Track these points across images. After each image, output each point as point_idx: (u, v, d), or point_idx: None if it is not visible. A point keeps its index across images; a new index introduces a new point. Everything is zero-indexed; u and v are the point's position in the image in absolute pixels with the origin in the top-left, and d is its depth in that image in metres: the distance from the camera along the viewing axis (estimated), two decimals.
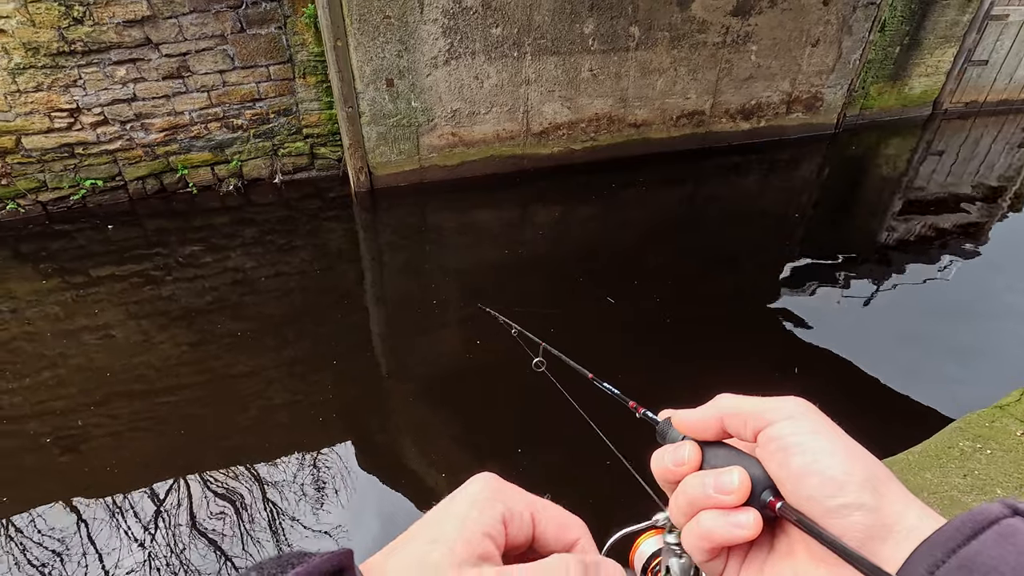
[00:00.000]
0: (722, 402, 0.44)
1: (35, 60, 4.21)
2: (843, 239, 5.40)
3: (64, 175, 4.72)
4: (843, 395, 3.47)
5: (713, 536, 0.40)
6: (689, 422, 0.45)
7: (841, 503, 0.36)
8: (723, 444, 0.44)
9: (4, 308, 4.15)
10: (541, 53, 5.14)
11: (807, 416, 0.40)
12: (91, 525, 2.79)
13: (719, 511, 0.40)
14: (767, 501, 0.39)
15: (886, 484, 0.37)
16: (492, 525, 0.36)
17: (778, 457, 0.39)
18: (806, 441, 0.38)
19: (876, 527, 0.35)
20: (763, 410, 0.41)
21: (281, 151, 5.28)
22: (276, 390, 3.54)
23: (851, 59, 6.38)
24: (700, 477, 0.42)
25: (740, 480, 0.39)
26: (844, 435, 0.40)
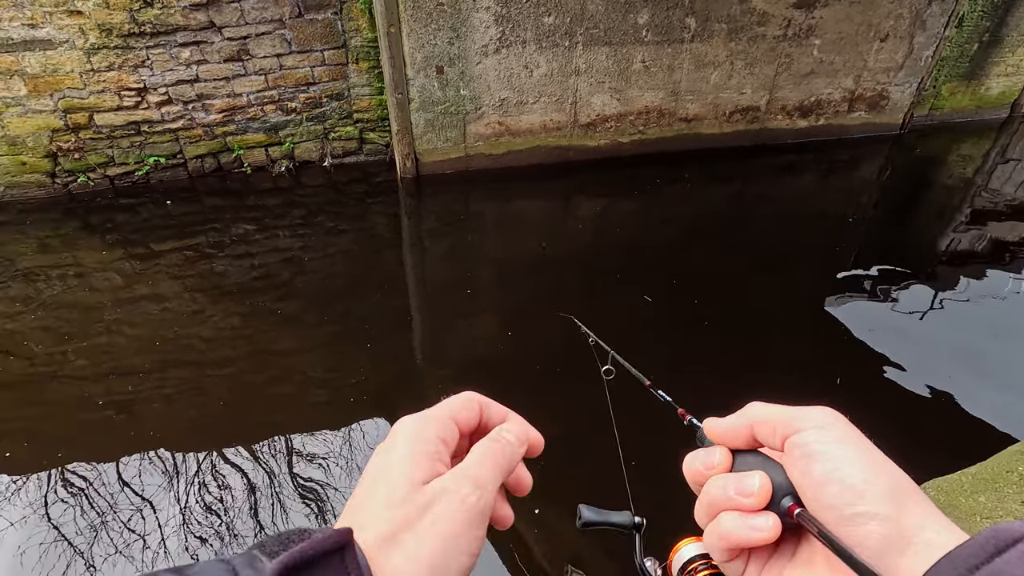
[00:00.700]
0: (752, 410, 0.45)
1: (108, 41, 4.44)
2: (902, 246, 5.14)
3: (130, 151, 4.97)
4: (890, 409, 3.34)
5: (731, 537, 0.41)
6: (720, 430, 0.46)
7: (858, 512, 0.36)
8: (753, 452, 0.45)
9: (71, 274, 4.42)
10: (593, 43, 5.06)
11: (834, 425, 0.41)
12: (139, 483, 2.95)
13: (739, 513, 0.41)
14: (787, 507, 0.39)
15: (908, 496, 0.37)
16: (435, 449, 0.42)
17: (801, 464, 0.39)
18: (830, 450, 0.39)
19: (893, 538, 0.35)
20: (791, 418, 0.42)
21: (332, 135, 5.41)
22: (315, 367, 3.66)
23: (923, 56, 6.02)
24: (723, 479, 0.43)
25: (760, 484, 0.40)
26: (870, 445, 0.40)
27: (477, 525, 0.39)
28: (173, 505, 2.86)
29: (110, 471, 3.00)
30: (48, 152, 4.79)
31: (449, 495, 0.39)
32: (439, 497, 0.39)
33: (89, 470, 3.01)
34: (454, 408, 0.46)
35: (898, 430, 3.12)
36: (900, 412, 3.34)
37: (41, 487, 2.94)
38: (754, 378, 3.28)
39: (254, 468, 3.05)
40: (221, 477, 3.00)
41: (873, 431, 0.42)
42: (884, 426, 3.11)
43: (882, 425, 3.06)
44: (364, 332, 3.86)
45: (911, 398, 3.47)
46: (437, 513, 0.38)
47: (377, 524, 0.38)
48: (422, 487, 0.39)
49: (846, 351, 3.85)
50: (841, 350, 3.86)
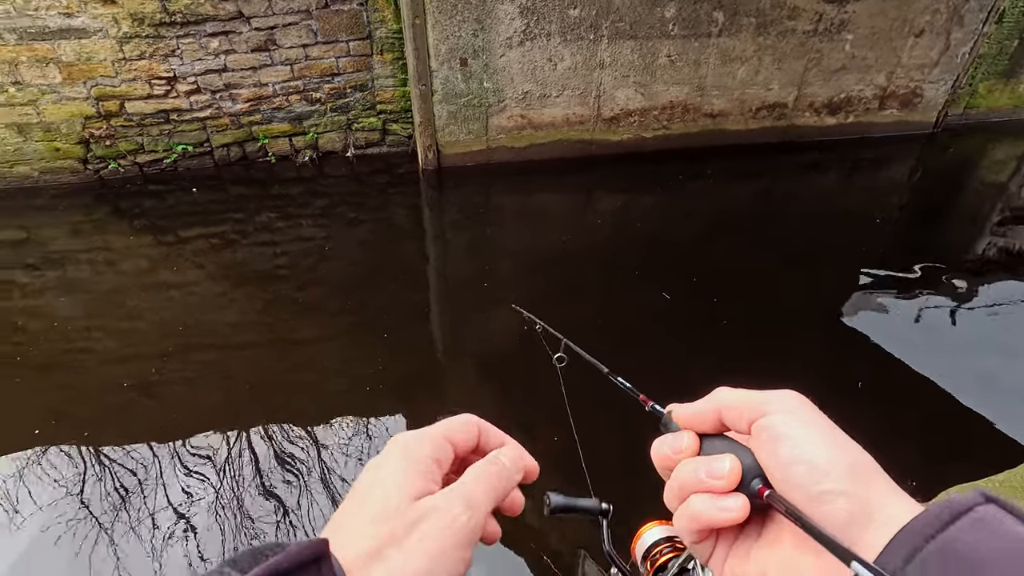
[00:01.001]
0: (719, 395, 0.46)
1: (140, 30, 4.52)
2: (930, 248, 5.01)
3: (159, 139, 5.07)
4: (910, 415, 3.27)
5: (701, 518, 0.42)
6: (688, 415, 0.47)
7: (824, 489, 0.37)
8: (720, 436, 0.46)
9: (100, 259, 4.53)
10: (618, 37, 5.01)
11: (799, 409, 0.42)
12: (159, 463, 3.02)
13: (709, 495, 0.42)
14: (756, 488, 0.41)
15: (870, 474, 0.38)
16: (427, 468, 0.42)
17: (768, 447, 0.41)
18: (796, 432, 0.40)
19: (858, 514, 0.36)
20: (758, 402, 0.43)
21: (355, 126, 5.45)
22: (334, 356, 3.71)
23: (959, 52, 5.85)
24: (694, 463, 0.44)
25: (731, 467, 0.41)
26: (834, 427, 0.41)
27: (465, 546, 0.39)
28: (193, 486, 2.93)
29: (133, 451, 3.08)
30: (81, 139, 4.90)
31: (440, 513, 0.39)
32: (429, 515, 0.39)
33: (113, 450, 3.09)
34: (451, 429, 0.47)
35: (918, 437, 3.07)
36: (921, 418, 3.27)
37: (67, 465, 3.03)
38: (772, 378, 3.22)
39: (272, 453, 3.11)
40: (240, 460, 3.06)
41: (892, 436, 0.41)
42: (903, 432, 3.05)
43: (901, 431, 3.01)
44: (383, 322, 3.89)
45: (933, 404, 3.40)
46: (425, 531, 0.38)
47: (362, 539, 0.37)
48: (412, 503, 0.39)
49: (867, 354, 3.77)
50: (862, 353, 3.79)
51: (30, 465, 3.04)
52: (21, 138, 4.78)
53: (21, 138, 4.78)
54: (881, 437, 0.67)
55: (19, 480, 2.96)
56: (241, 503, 2.86)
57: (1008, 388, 3.48)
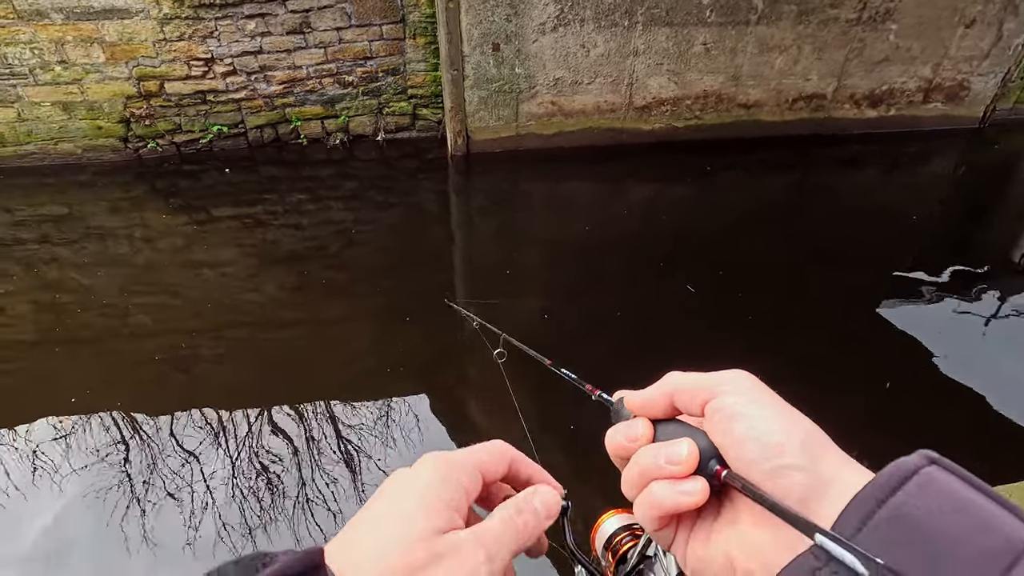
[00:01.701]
0: (671, 379, 0.46)
1: (180, 11, 4.60)
2: (972, 247, 4.84)
3: (196, 120, 5.18)
4: (941, 421, 3.17)
5: (663, 504, 0.42)
6: (639, 401, 0.47)
7: (779, 464, 0.37)
8: (674, 420, 0.46)
9: (138, 236, 4.66)
10: (653, 23, 4.92)
11: (750, 388, 0.42)
12: (189, 436, 3.11)
13: (669, 481, 0.42)
14: (714, 470, 0.41)
15: (823, 447, 0.39)
16: (454, 497, 0.40)
17: (722, 426, 0.41)
18: (748, 410, 0.40)
19: (814, 486, 0.36)
20: (709, 384, 0.43)
21: (386, 110, 5.47)
22: (361, 337, 3.76)
23: (1012, 44, 5.59)
24: (652, 449, 0.44)
25: (689, 451, 0.41)
26: (784, 404, 0.42)
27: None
28: (221, 458, 3.01)
29: (164, 423, 3.18)
30: (122, 118, 5.03)
31: (461, 556, 0.38)
32: (450, 555, 0.37)
33: (145, 420, 3.19)
34: (483, 458, 0.46)
35: (950, 443, 2.97)
36: (953, 424, 3.18)
37: (101, 433, 3.14)
38: (797, 375, 3.17)
39: (298, 429, 3.18)
40: (267, 435, 3.14)
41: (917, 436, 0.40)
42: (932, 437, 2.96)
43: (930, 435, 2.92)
44: (409, 305, 3.93)
45: (965, 410, 3.29)
46: (444, 569, 0.36)
47: (375, 561, 0.36)
48: (435, 537, 0.38)
49: (899, 355, 3.67)
50: (894, 354, 3.69)
51: (67, 431, 3.17)
52: (66, 116, 4.92)
53: (66, 116, 4.92)
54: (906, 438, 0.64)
55: (56, 444, 3.09)
56: (267, 477, 2.94)
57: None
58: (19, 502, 2.83)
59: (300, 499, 2.85)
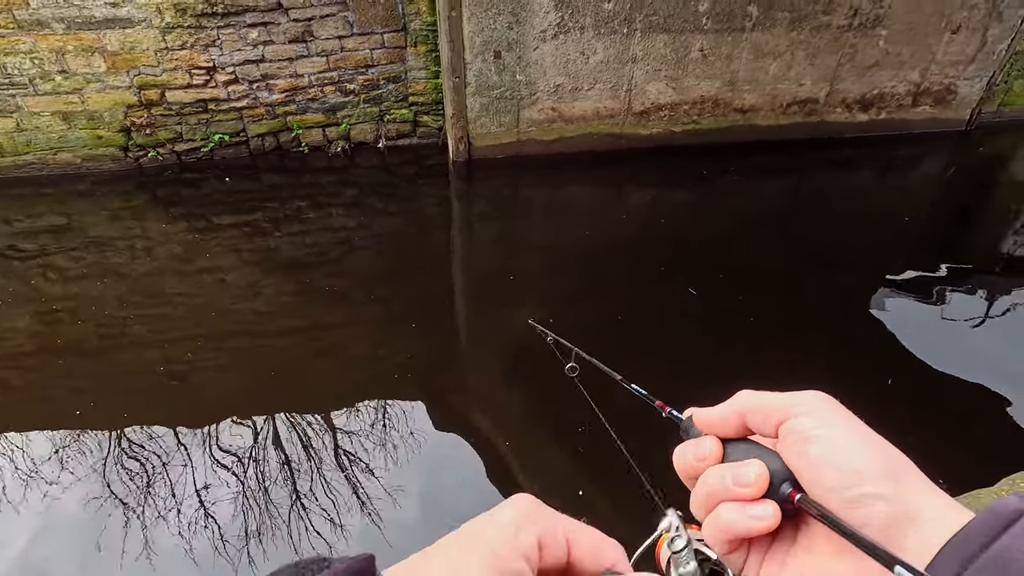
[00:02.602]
0: (742, 398, 0.44)
1: (182, 20, 4.61)
2: (961, 249, 4.96)
3: (198, 128, 5.17)
4: (939, 417, 3.23)
5: (732, 528, 0.40)
6: (710, 419, 0.46)
7: (860, 493, 0.36)
8: (744, 440, 0.44)
9: (138, 246, 4.64)
10: (651, 30, 5.01)
11: (827, 409, 0.41)
12: (190, 446, 3.10)
13: (738, 503, 0.40)
14: (786, 493, 0.39)
15: (907, 474, 0.37)
16: (528, 546, 0.36)
17: (797, 449, 0.39)
18: (825, 433, 0.39)
19: (897, 517, 0.35)
20: (784, 405, 0.41)
21: (387, 117, 5.50)
22: (360, 345, 3.76)
23: (996, 49, 5.76)
24: (720, 470, 0.42)
25: (758, 473, 0.40)
26: (865, 427, 0.40)
27: None
28: (220, 468, 2.99)
29: (165, 434, 3.16)
30: (122, 127, 5.01)
31: None
32: None
33: (144, 431, 3.18)
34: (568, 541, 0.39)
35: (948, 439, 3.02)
36: (950, 420, 3.24)
37: (100, 444, 3.13)
38: (799, 375, 3.20)
39: (299, 439, 3.17)
40: (267, 445, 3.13)
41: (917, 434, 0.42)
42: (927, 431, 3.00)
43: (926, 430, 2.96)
44: (410, 312, 3.93)
45: (959, 403, 3.37)
46: None
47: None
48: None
49: (895, 354, 3.74)
50: (890, 353, 3.75)
51: (66, 443, 3.14)
52: (66, 125, 4.89)
53: (66, 125, 4.89)
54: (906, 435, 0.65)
55: (55, 457, 3.05)
56: (266, 487, 2.93)
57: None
58: (10, 515, 2.80)
59: (298, 510, 2.83)
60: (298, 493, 2.91)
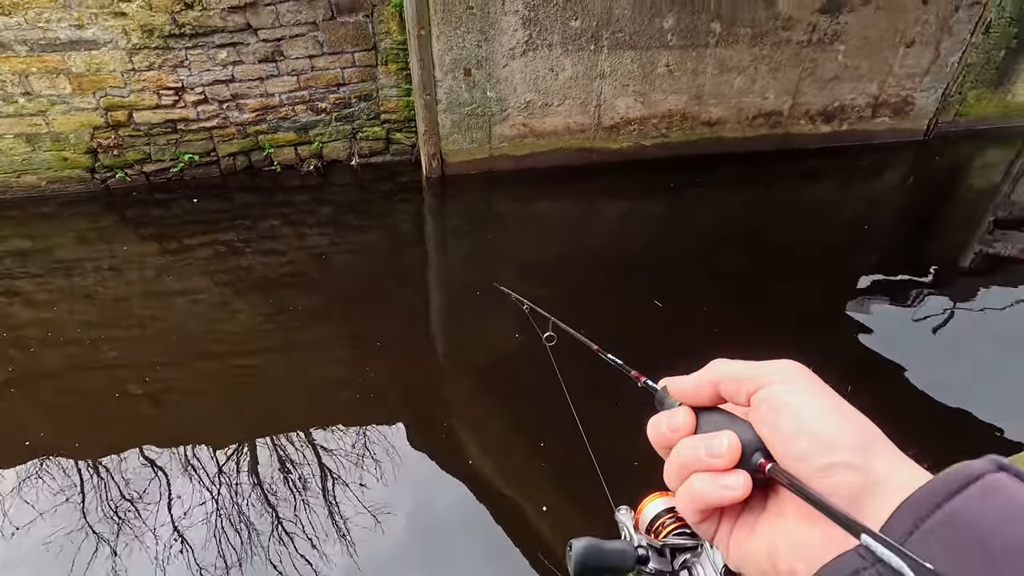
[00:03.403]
0: (716, 367, 0.45)
1: (149, 41, 4.59)
2: (923, 254, 5.11)
3: (167, 148, 5.13)
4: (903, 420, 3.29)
5: (704, 498, 0.41)
6: (684, 388, 0.46)
7: (829, 462, 0.36)
8: (717, 409, 0.44)
9: (106, 267, 4.56)
10: (618, 47, 5.13)
11: (799, 378, 0.41)
12: (162, 473, 3.03)
13: (710, 474, 0.40)
14: (758, 463, 0.39)
15: (876, 443, 0.37)
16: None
17: (769, 419, 0.39)
18: (797, 402, 0.39)
19: (864, 485, 0.35)
20: (756, 373, 0.42)
21: (359, 135, 5.52)
22: (337, 363, 3.73)
23: (949, 62, 6.00)
24: (692, 441, 0.43)
25: (730, 443, 0.40)
26: (836, 396, 0.40)
27: None
28: (194, 495, 2.93)
29: (136, 461, 3.09)
30: (89, 148, 4.95)
31: None
32: None
33: (115, 459, 3.10)
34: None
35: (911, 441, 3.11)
36: (914, 423, 3.31)
37: (69, 474, 3.04)
38: None
39: (275, 462, 3.12)
40: (243, 469, 3.08)
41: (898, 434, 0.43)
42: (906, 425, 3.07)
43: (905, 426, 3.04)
44: (386, 329, 3.92)
45: (925, 409, 3.45)
46: None
47: None
48: None
49: (861, 360, 3.82)
50: (856, 359, 3.83)
51: (33, 473, 3.05)
52: (29, 148, 4.82)
53: (29, 148, 4.82)
54: None
55: (21, 489, 2.97)
56: (243, 511, 2.88)
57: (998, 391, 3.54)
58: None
59: (278, 534, 2.79)
60: (278, 517, 2.86)
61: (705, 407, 0.45)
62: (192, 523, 2.82)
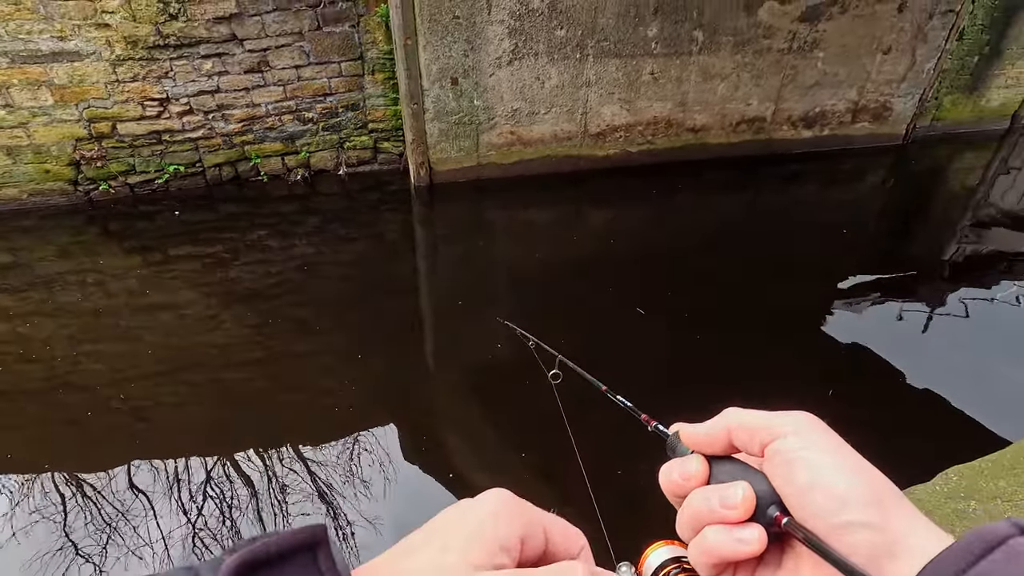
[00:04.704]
0: (730, 416, 0.44)
1: (133, 53, 4.56)
2: (903, 255, 5.21)
3: (151, 160, 5.08)
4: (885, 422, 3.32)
5: (717, 551, 0.40)
6: (697, 436, 0.45)
7: (846, 520, 0.36)
8: (731, 459, 0.44)
9: (90, 280, 4.50)
10: (603, 55, 5.19)
11: (814, 431, 0.40)
12: (148, 487, 2.99)
13: (724, 526, 0.40)
14: (773, 516, 0.39)
15: (892, 501, 0.37)
16: (509, 539, 0.36)
17: (783, 471, 0.39)
18: (812, 456, 0.39)
19: (882, 545, 0.35)
20: (770, 424, 0.41)
21: (347, 144, 5.52)
22: (327, 374, 3.71)
23: (925, 68, 6.15)
24: (705, 492, 0.42)
25: (745, 495, 0.39)
26: (851, 451, 0.40)
27: None
28: (181, 510, 2.89)
29: (121, 475, 3.04)
30: (71, 160, 4.89)
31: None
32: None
33: (100, 475, 3.05)
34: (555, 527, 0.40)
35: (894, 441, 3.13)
36: (895, 423, 3.34)
37: (51, 491, 2.99)
38: (747, 391, 3.28)
39: (263, 474, 3.09)
40: (230, 482, 3.04)
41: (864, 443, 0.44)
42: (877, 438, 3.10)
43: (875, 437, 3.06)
44: (375, 339, 3.91)
45: (907, 409, 3.49)
46: None
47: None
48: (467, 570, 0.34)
49: (844, 363, 3.86)
50: (838, 362, 3.87)
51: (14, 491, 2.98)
52: (10, 160, 4.75)
53: (10, 160, 4.75)
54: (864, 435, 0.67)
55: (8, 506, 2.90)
56: (232, 523, 2.84)
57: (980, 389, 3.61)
58: None
59: None
60: (264, 530, 2.83)
61: (718, 456, 0.44)
62: (177, 539, 2.77)
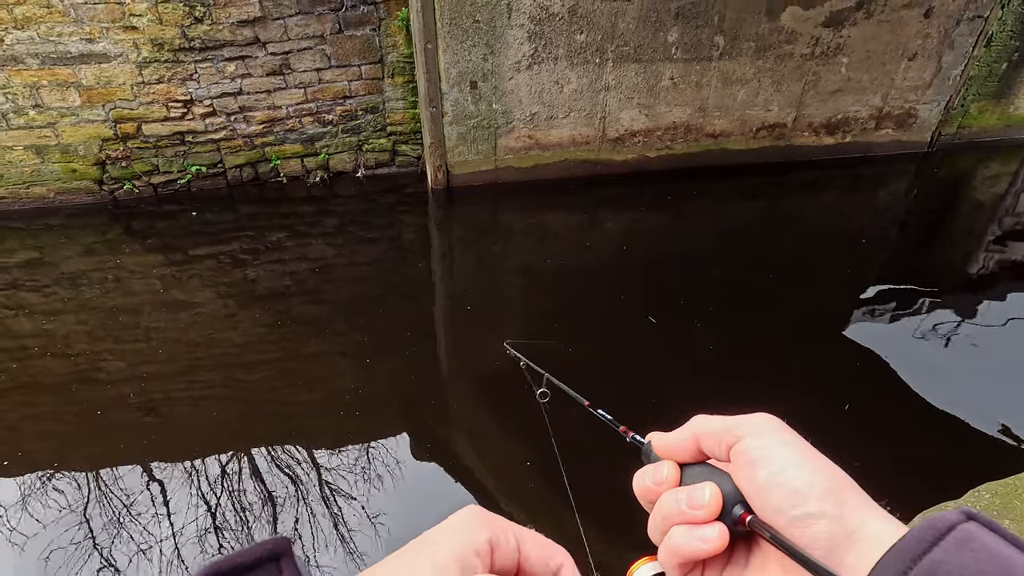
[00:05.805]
0: (697, 422, 0.46)
1: (159, 55, 4.64)
2: (926, 266, 5.11)
3: (174, 160, 5.16)
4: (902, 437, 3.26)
5: (680, 550, 0.41)
6: (667, 444, 0.47)
7: (804, 512, 0.37)
8: (700, 464, 0.45)
9: (111, 278, 4.57)
10: (623, 60, 5.17)
11: (773, 430, 0.42)
12: (164, 484, 3.03)
13: (688, 526, 0.41)
14: (738, 515, 0.40)
15: (848, 493, 0.38)
16: (479, 545, 0.38)
17: (746, 471, 0.40)
18: (771, 454, 0.40)
19: (839, 536, 0.36)
20: (733, 427, 0.43)
21: (365, 147, 5.55)
22: (342, 376, 3.73)
23: (951, 75, 6.04)
24: (674, 494, 0.43)
25: (711, 495, 0.41)
26: (809, 447, 0.41)
27: None
28: (196, 507, 2.92)
29: (138, 472, 3.08)
30: (97, 160, 4.99)
31: None
32: None
33: (118, 471, 3.09)
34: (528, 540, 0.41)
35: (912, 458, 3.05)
36: (918, 436, 3.28)
37: (73, 484, 3.04)
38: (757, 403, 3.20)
39: (277, 473, 3.11)
40: (245, 481, 3.07)
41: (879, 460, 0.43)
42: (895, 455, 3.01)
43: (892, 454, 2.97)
44: (391, 342, 3.92)
45: (928, 421, 3.41)
46: None
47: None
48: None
49: (861, 375, 3.78)
50: (856, 374, 3.79)
51: (38, 483, 3.04)
52: (39, 159, 4.85)
53: (39, 159, 4.85)
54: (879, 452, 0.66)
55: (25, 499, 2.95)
56: (245, 522, 2.86)
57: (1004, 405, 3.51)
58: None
59: None
60: (276, 528, 2.85)
61: (689, 462, 0.46)
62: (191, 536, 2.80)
